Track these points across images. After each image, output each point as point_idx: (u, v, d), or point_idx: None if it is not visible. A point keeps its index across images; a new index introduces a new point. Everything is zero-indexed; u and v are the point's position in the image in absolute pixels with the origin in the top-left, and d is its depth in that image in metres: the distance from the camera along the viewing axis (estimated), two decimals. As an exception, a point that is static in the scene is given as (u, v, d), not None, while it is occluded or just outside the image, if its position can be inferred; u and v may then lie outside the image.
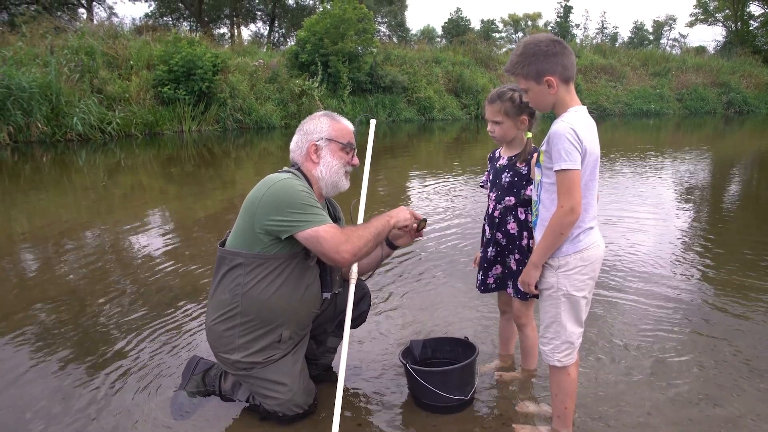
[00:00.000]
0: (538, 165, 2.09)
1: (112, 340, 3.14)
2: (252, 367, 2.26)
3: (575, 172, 1.91)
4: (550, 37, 2.01)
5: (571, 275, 2.03)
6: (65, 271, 4.42)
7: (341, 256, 2.13)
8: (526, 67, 1.98)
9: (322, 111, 2.51)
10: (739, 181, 9.40)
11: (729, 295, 3.82)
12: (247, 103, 16.00)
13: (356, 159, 2.47)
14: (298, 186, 2.19)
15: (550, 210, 2.02)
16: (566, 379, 2.14)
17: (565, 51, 1.99)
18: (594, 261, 2.05)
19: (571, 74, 2.01)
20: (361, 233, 2.21)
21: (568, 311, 2.06)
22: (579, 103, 2.04)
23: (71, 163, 10.06)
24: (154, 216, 6.39)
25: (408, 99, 20.61)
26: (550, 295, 2.08)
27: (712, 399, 2.54)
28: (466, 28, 46.64)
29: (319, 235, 2.12)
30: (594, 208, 2.05)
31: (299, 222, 2.13)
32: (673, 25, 68.65)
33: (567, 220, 1.94)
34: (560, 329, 2.08)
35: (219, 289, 2.27)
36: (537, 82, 1.99)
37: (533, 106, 2.13)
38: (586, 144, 1.95)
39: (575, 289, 2.04)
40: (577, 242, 2.01)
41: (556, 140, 1.93)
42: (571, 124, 1.93)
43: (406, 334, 3.20)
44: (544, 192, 2.06)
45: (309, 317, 2.40)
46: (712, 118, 24.84)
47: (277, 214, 2.14)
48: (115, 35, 16.18)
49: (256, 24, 38.37)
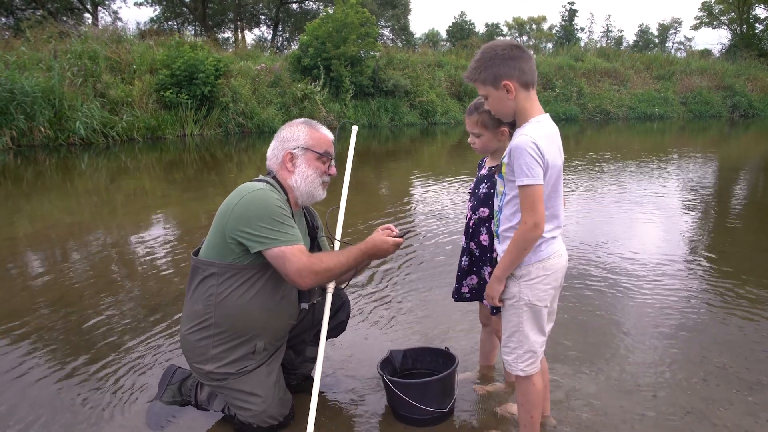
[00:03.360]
0: (501, 176, 2.06)
1: (95, 347, 3.12)
2: (225, 378, 2.23)
3: (538, 188, 1.89)
4: (508, 42, 1.98)
5: (533, 284, 2.01)
6: (66, 273, 4.42)
7: (302, 281, 2.12)
8: (483, 72, 1.95)
9: (301, 119, 2.46)
10: (744, 185, 9.31)
11: (724, 305, 3.76)
12: (250, 107, 16.03)
13: (333, 169, 2.42)
14: (271, 199, 2.15)
15: (510, 221, 2.01)
16: (531, 389, 2.12)
17: (523, 55, 1.95)
18: (556, 270, 2.04)
19: (530, 79, 1.96)
20: (328, 262, 2.17)
21: (530, 320, 2.05)
22: (541, 111, 2.00)
23: (74, 167, 10.10)
24: (156, 220, 6.39)
25: (410, 103, 20.58)
26: (513, 305, 2.06)
27: (699, 412, 2.50)
28: (471, 32, 46.66)
29: (286, 256, 2.09)
30: (558, 219, 2.03)
31: (267, 239, 2.10)
32: (679, 29, 68.45)
33: (531, 235, 1.92)
34: (522, 338, 2.06)
35: (193, 298, 2.24)
36: (495, 87, 1.95)
37: (494, 114, 2.08)
38: (548, 157, 1.91)
39: (537, 299, 2.03)
40: (539, 252, 2.00)
41: (517, 155, 1.89)
42: (532, 138, 1.89)
43: (387, 343, 3.17)
44: (506, 204, 2.03)
45: (285, 328, 2.38)
46: (717, 121, 24.68)
47: (246, 226, 2.11)
48: (118, 40, 16.26)
49: (260, 28, 38.56)
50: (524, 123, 1.96)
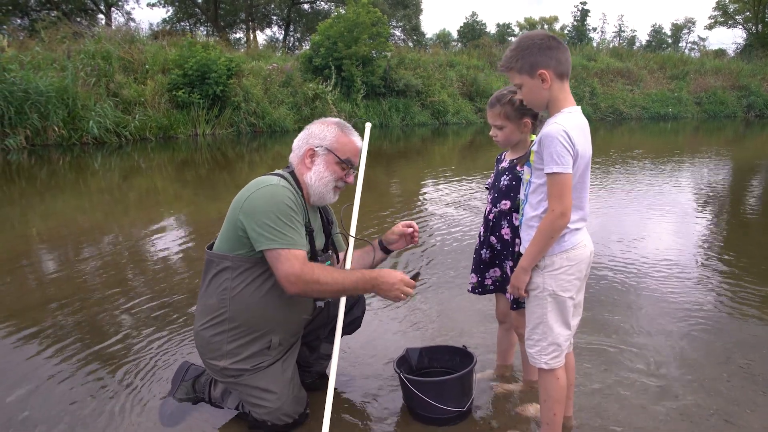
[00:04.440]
0: (528, 164, 2.06)
1: (108, 344, 3.10)
2: (240, 375, 2.19)
3: (567, 176, 1.89)
4: (545, 33, 2.00)
5: (557, 275, 2.00)
6: (78, 271, 4.42)
7: (288, 287, 2.06)
8: (520, 60, 1.96)
9: (337, 119, 2.39)
10: (760, 186, 9.16)
11: (746, 305, 3.68)
12: (261, 107, 16.04)
13: (351, 177, 2.36)
14: (280, 196, 2.10)
15: (536, 210, 2.01)
16: (554, 384, 2.07)
17: (560, 46, 1.96)
18: (580, 261, 2.02)
19: (565, 69, 1.97)
20: (321, 280, 2.06)
21: (555, 312, 2.03)
22: (573, 103, 2.00)
23: (87, 166, 10.14)
24: (168, 219, 6.39)
25: (422, 103, 20.51)
26: (536, 296, 2.04)
27: (724, 414, 2.43)
28: (482, 32, 46.50)
29: (279, 259, 2.04)
30: (583, 211, 2.01)
31: (268, 238, 2.05)
32: (692, 28, 67.72)
33: (558, 224, 1.92)
34: (547, 330, 2.03)
35: (206, 293, 2.21)
36: (530, 75, 1.95)
37: (527, 103, 2.07)
38: (578, 147, 1.92)
39: (561, 290, 2.01)
40: (563, 242, 1.99)
41: (548, 143, 1.90)
42: (563, 127, 1.89)
43: (402, 340, 3.12)
44: (532, 193, 2.04)
45: (300, 323, 2.34)
46: (732, 121, 24.38)
47: (252, 221, 2.07)
48: (131, 40, 16.35)
49: (271, 28, 38.65)
50: (556, 113, 1.96)
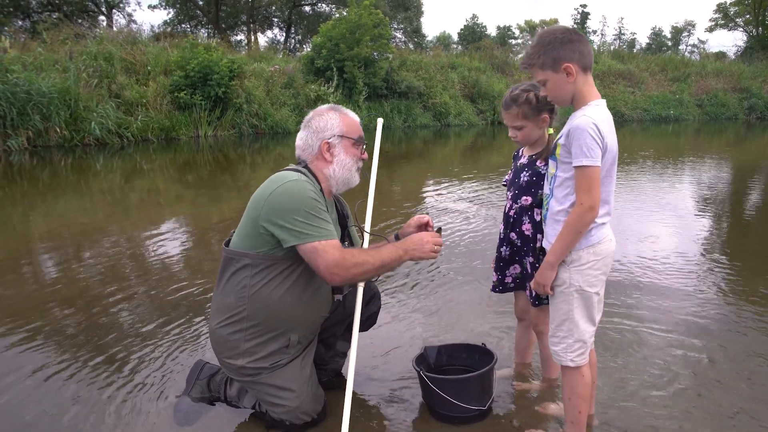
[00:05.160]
0: (554, 158, 2.03)
1: (118, 344, 3.06)
2: (258, 373, 2.15)
3: (596, 169, 1.86)
4: (565, 27, 1.97)
5: (583, 270, 1.96)
6: (80, 272, 4.37)
7: (332, 279, 2.06)
8: (542, 56, 1.93)
9: (327, 105, 2.41)
10: (761, 188, 9.13)
11: (755, 304, 3.64)
12: (263, 109, 16.01)
13: (365, 153, 2.39)
14: (306, 191, 2.08)
15: (562, 204, 1.97)
16: (580, 381, 2.04)
17: (581, 39, 1.94)
18: (606, 256, 1.99)
19: (588, 62, 1.94)
20: (362, 261, 2.09)
21: (581, 308, 1.99)
22: (599, 96, 1.98)
23: (89, 167, 10.10)
24: (170, 220, 6.34)
25: (424, 105, 20.50)
26: (562, 291, 2.01)
27: (748, 412, 2.39)
28: (483, 35, 46.54)
29: (318, 252, 2.02)
30: (609, 205, 1.98)
31: (301, 233, 2.03)
32: (692, 31, 67.94)
33: (586, 218, 1.89)
34: (573, 327, 2.00)
35: (224, 291, 2.16)
36: (554, 70, 1.92)
37: (551, 99, 2.03)
38: (607, 140, 1.89)
39: (588, 285, 1.98)
40: (590, 236, 1.95)
41: (577, 135, 1.86)
42: (593, 119, 1.86)
43: (420, 338, 3.08)
44: (558, 186, 2.00)
45: (318, 320, 2.30)
46: (734, 124, 24.38)
47: (280, 218, 2.04)
48: (133, 41, 16.32)
49: (272, 30, 38.74)
50: (583, 106, 1.93)
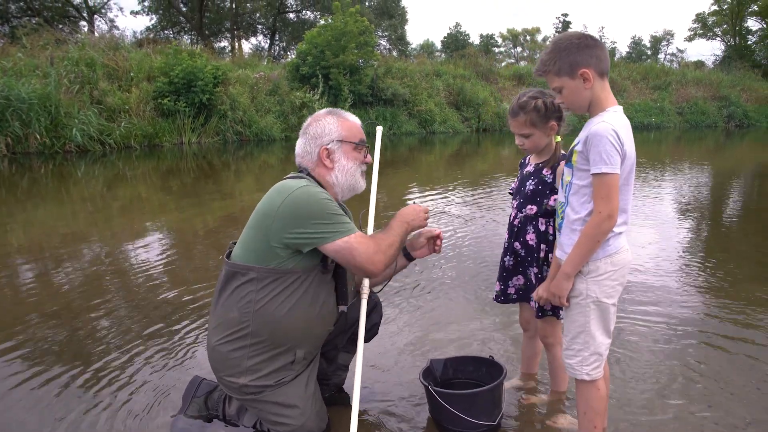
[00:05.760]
0: (569, 165, 1.97)
1: (105, 358, 2.93)
2: (261, 391, 2.04)
3: (615, 176, 1.81)
4: (580, 32, 1.94)
5: (601, 281, 1.91)
6: (61, 283, 4.22)
7: (375, 266, 2.00)
8: (558, 62, 1.87)
9: (325, 109, 2.33)
10: (741, 193, 9.23)
11: (761, 311, 3.63)
12: (248, 116, 15.88)
13: (369, 156, 2.31)
14: (317, 194, 2.01)
15: (579, 213, 1.92)
16: (595, 395, 1.99)
17: (597, 43, 1.89)
18: (623, 266, 1.94)
19: (605, 67, 1.90)
20: (389, 240, 2.08)
21: (598, 320, 1.94)
22: (615, 102, 1.94)
23: (69, 174, 9.89)
24: (153, 229, 6.19)
25: (409, 112, 20.51)
26: (579, 303, 1.95)
27: (761, 423, 2.34)
28: (466, 43, 46.87)
29: (351, 246, 1.96)
30: (626, 213, 1.93)
31: (327, 233, 1.96)
32: (671, 40, 69.11)
33: (604, 226, 1.83)
34: (589, 339, 1.94)
35: (225, 305, 2.05)
36: (571, 76, 1.87)
37: (568, 106, 1.98)
38: (627, 147, 1.85)
39: (605, 296, 1.92)
40: (607, 246, 1.89)
41: (596, 141, 1.81)
42: (612, 125, 1.82)
43: (421, 351, 2.99)
44: (574, 194, 1.94)
45: (325, 334, 2.21)
46: (713, 131, 24.78)
47: (298, 226, 1.95)
48: (115, 47, 16.11)
49: (256, 37, 38.50)
50: (601, 112, 1.89)
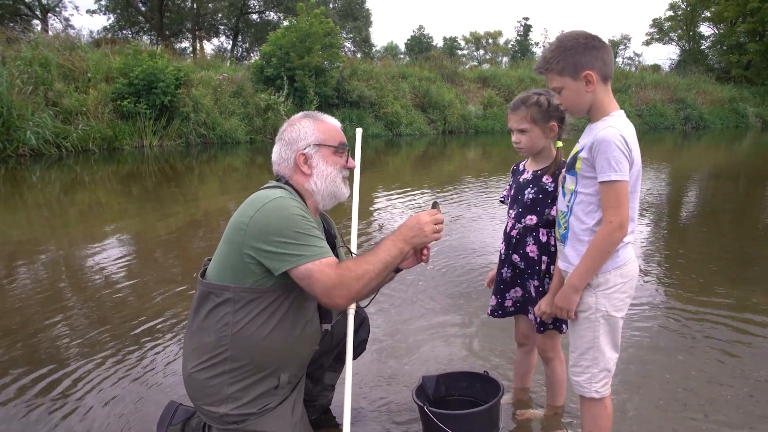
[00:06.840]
0: (573, 172, 1.87)
1: (65, 381, 2.71)
2: (244, 420, 1.87)
3: (624, 184, 1.73)
4: (587, 32, 1.81)
5: (610, 294, 1.82)
6: (15, 294, 3.95)
7: (332, 301, 1.78)
8: (562, 61, 1.78)
9: (301, 113, 2.15)
10: (697, 193, 9.43)
11: (747, 317, 3.63)
12: (211, 118, 15.48)
13: (352, 161, 2.14)
14: (291, 208, 1.82)
15: (585, 223, 1.83)
16: (603, 413, 1.91)
17: (604, 46, 1.80)
18: (632, 278, 1.86)
19: (610, 71, 1.82)
20: (362, 273, 1.80)
21: (607, 334, 1.85)
22: (618, 107, 1.85)
23: (23, 179, 9.43)
24: (113, 235, 5.89)
25: (375, 114, 20.36)
26: (587, 317, 1.85)
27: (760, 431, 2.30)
28: (429, 45, 47.11)
29: (312, 275, 1.75)
30: (634, 222, 1.84)
31: (292, 257, 1.76)
32: (628, 45, 71.05)
33: (615, 237, 1.74)
34: (598, 355, 1.85)
35: (201, 329, 1.87)
36: (573, 77, 1.78)
37: (567, 108, 1.88)
38: (634, 153, 1.77)
39: (615, 309, 1.84)
40: (616, 257, 1.81)
41: (604, 148, 1.72)
42: (620, 131, 1.74)
43: (407, 366, 2.87)
44: (578, 204, 1.85)
45: (309, 356, 2.05)
46: (671, 133, 25.45)
47: (266, 243, 1.77)
48: (71, 47, 15.47)
49: (219, 38, 37.75)
50: (604, 117, 1.81)
